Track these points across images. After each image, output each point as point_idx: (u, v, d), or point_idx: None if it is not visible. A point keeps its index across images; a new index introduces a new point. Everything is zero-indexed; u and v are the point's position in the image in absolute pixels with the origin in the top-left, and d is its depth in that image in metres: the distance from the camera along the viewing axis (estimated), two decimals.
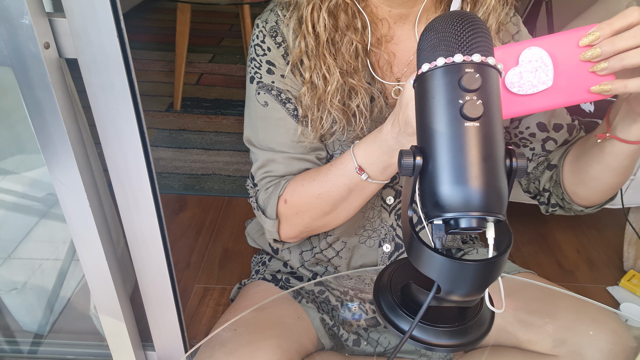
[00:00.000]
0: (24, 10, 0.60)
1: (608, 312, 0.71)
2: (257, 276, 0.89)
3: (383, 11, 0.70)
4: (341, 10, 0.66)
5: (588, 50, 0.51)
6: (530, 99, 0.52)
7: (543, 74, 0.51)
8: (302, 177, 0.73)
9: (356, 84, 0.70)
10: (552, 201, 0.77)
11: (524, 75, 0.51)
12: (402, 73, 0.74)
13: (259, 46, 0.72)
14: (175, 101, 2.42)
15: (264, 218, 0.76)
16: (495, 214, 0.37)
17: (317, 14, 0.66)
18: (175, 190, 1.89)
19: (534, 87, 0.52)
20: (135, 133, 0.72)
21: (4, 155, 1.10)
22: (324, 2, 0.65)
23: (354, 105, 0.70)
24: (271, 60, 0.72)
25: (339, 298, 0.82)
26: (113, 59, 0.65)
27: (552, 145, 0.75)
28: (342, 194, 0.69)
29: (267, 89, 0.73)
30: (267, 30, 0.72)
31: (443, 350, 0.43)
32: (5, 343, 1.19)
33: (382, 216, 0.80)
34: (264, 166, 0.76)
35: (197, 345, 0.71)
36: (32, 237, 1.16)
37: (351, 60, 0.69)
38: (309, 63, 0.69)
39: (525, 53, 0.51)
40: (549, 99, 0.52)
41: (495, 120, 0.38)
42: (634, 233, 1.46)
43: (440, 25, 0.40)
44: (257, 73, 0.73)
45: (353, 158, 0.66)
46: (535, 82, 0.51)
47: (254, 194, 0.79)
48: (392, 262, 0.51)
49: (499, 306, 0.42)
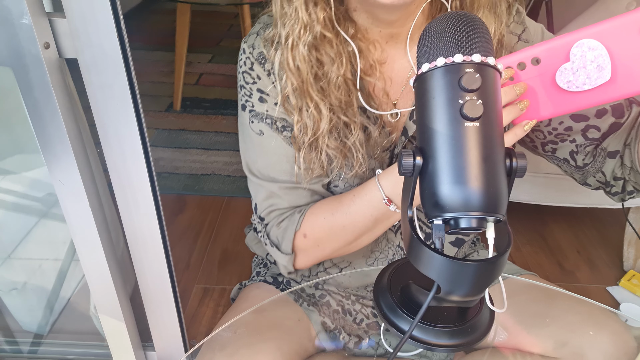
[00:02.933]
0: (24, 10, 0.60)
1: (610, 313, 0.70)
2: (258, 278, 0.88)
3: (373, 33, 0.65)
4: (324, 43, 0.62)
5: None
6: (586, 95, 0.48)
7: (599, 67, 0.47)
8: (321, 208, 0.70)
9: (349, 120, 0.65)
10: (629, 188, 0.71)
11: (578, 71, 0.47)
12: (399, 94, 0.70)
13: (247, 74, 0.68)
14: (175, 101, 2.42)
15: (278, 254, 0.73)
16: (495, 214, 0.37)
17: (297, 51, 0.61)
18: (175, 190, 1.89)
19: (590, 82, 0.47)
20: (135, 133, 0.72)
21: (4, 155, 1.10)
22: (301, 37, 0.60)
23: (350, 143, 0.66)
24: (262, 89, 0.68)
25: (340, 302, 0.82)
26: (113, 59, 0.65)
27: (594, 133, 0.70)
28: (368, 224, 0.66)
29: (260, 117, 0.69)
30: (255, 57, 0.67)
31: (443, 350, 0.43)
32: (5, 343, 1.19)
33: (388, 237, 0.78)
34: (268, 198, 0.72)
35: (197, 345, 0.71)
36: (32, 237, 1.16)
37: (341, 95, 0.64)
38: (295, 102, 0.64)
39: (577, 46, 0.47)
40: (608, 93, 0.48)
41: (495, 120, 0.38)
42: (634, 233, 1.46)
43: (440, 26, 0.40)
44: (249, 102, 0.69)
45: (380, 189, 0.63)
46: (591, 77, 0.47)
47: (263, 229, 0.75)
48: (392, 262, 0.51)
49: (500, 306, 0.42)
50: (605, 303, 0.72)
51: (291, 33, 0.61)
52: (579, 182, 0.77)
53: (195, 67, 2.88)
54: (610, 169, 0.70)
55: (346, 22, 0.64)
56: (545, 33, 0.71)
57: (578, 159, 0.72)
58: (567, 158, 0.73)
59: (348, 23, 0.64)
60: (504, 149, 0.39)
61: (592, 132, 0.70)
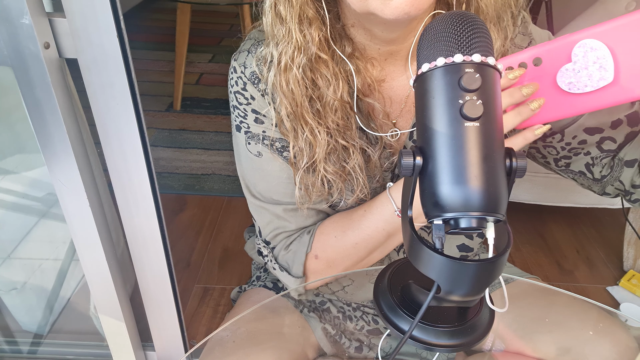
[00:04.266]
0: (24, 10, 0.60)
1: (613, 319, 0.70)
2: (258, 282, 0.88)
3: (372, 50, 0.62)
4: (321, 65, 0.58)
5: None
6: (588, 97, 0.46)
7: (602, 68, 0.45)
8: (331, 227, 0.68)
9: (348, 143, 0.62)
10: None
11: (580, 72, 0.46)
12: (398, 113, 0.67)
13: (240, 94, 0.64)
14: (175, 101, 2.43)
15: (289, 278, 0.70)
16: (495, 214, 0.37)
17: (290, 74, 0.57)
18: (175, 190, 1.89)
19: (592, 84, 0.46)
20: (135, 133, 0.72)
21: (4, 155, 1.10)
22: (294, 60, 0.56)
23: (349, 167, 0.63)
24: (257, 110, 0.64)
25: (340, 309, 0.82)
26: (113, 59, 0.66)
27: (610, 145, 0.67)
28: (381, 239, 0.64)
29: (258, 139, 0.65)
30: (248, 77, 0.63)
31: (443, 350, 0.43)
32: (5, 343, 1.19)
33: (390, 256, 0.76)
34: (273, 221, 0.69)
35: (197, 345, 0.71)
36: (32, 237, 1.16)
37: (339, 119, 0.60)
38: (290, 126, 0.61)
39: (579, 47, 0.45)
40: (611, 95, 0.46)
41: (495, 120, 0.38)
42: (634, 233, 1.46)
43: (440, 25, 0.40)
44: (244, 122, 0.65)
45: (392, 201, 0.61)
46: (593, 78, 0.46)
47: (269, 253, 0.72)
48: (392, 262, 0.51)
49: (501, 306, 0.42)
50: (605, 303, 0.72)
51: (284, 54, 0.57)
52: (598, 193, 0.74)
53: (195, 67, 2.89)
54: (629, 178, 0.68)
55: (343, 41, 0.60)
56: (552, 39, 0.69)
57: (595, 171, 0.69)
58: (582, 171, 0.70)
59: (345, 41, 0.60)
60: (504, 148, 0.39)
61: (608, 143, 0.67)
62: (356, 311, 0.81)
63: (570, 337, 0.68)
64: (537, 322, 0.71)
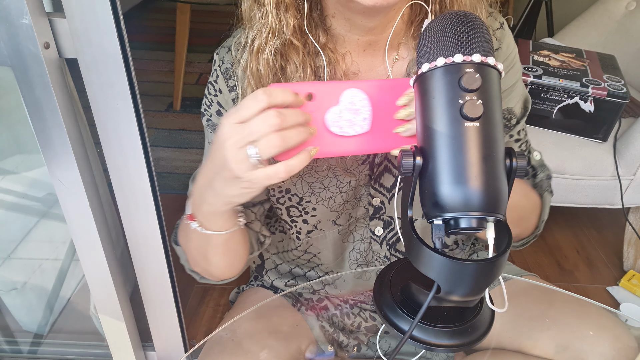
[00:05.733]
0: (24, 10, 0.60)
1: (612, 316, 0.70)
2: (255, 282, 0.88)
3: (350, 41, 0.62)
4: (291, 51, 0.59)
5: (402, 110, 0.50)
6: (347, 140, 0.50)
7: (361, 117, 0.50)
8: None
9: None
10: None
11: (344, 115, 0.50)
12: None
13: (212, 85, 0.67)
14: (175, 101, 2.42)
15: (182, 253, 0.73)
16: (495, 214, 0.37)
17: (261, 56, 0.58)
18: (175, 190, 1.89)
19: (353, 129, 0.50)
20: (135, 133, 0.72)
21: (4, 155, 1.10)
22: (267, 43, 0.57)
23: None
24: (221, 103, 0.66)
25: (338, 306, 0.82)
26: (113, 59, 0.66)
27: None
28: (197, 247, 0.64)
29: (214, 129, 0.68)
30: (222, 71, 0.66)
31: (443, 350, 0.43)
32: (5, 343, 1.19)
33: (373, 248, 0.77)
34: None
35: (197, 345, 0.71)
36: (32, 237, 1.16)
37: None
38: None
39: (347, 93, 0.50)
40: (366, 144, 0.51)
41: (495, 120, 0.38)
42: (634, 233, 1.46)
43: (440, 25, 0.40)
44: (207, 111, 0.68)
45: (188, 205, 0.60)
46: (353, 124, 0.50)
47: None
48: (392, 262, 0.51)
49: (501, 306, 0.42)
50: (605, 303, 0.72)
51: (258, 37, 0.58)
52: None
53: (195, 67, 2.88)
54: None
55: (317, 30, 0.60)
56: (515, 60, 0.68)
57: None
58: None
59: (320, 31, 0.60)
60: (504, 148, 0.39)
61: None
62: (353, 308, 0.81)
63: (568, 335, 0.68)
64: (536, 320, 0.71)
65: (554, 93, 1.32)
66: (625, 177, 1.33)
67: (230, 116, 0.46)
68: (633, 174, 1.33)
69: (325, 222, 0.73)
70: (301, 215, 0.72)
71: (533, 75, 1.33)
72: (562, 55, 1.46)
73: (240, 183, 0.48)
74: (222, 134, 0.47)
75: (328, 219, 0.72)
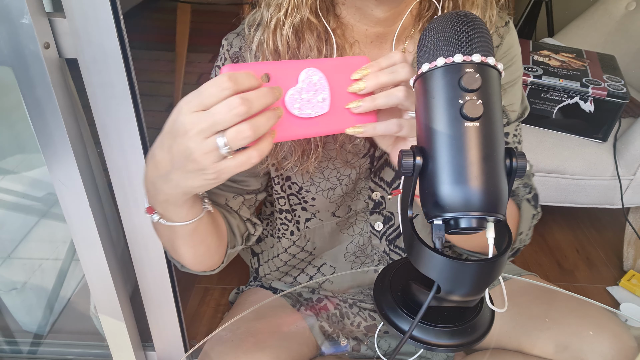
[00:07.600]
0: (24, 10, 0.60)
1: (611, 316, 0.70)
2: (255, 283, 0.88)
3: (359, 31, 0.63)
4: (307, 29, 0.58)
5: (355, 84, 0.49)
6: (308, 122, 0.49)
7: (320, 97, 0.49)
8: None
9: None
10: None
11: (303, 96, 0.48)
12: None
13: (218, 69, 0.67)
14: (175, 101, 2.42)
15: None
16: (495, 214, 0.37)
17: (279, 33, 0.58)
18: None
19: (312, 109, 0.48)
20: (135, 133, 0.72)
21: (4, 154, 1.10)
22: (287, 18, 0.57)
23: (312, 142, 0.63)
24: None
25: (337, 306, 0.82)
26: (113, 58, 0.66)
27: None
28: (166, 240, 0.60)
29: None
30: (230, 55, 0.66)
31: (443, 350, 0.43)
32: (5, 343, 1.19)
33: (372, 243, 0.77)
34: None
35: (197, 345, 0.71)
36: (32, 237, 1.16)
37: None
38: None
39: (305, 72, 0.48)
40: (325, 125, 0.49)
41: (495, 120, 0.38)
42: (634, 233, 1.46)
43: (440, 25, 0.40)
44: None
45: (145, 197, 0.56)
46: (313, 105, 0.48)
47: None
48: (392, 262, 0.51)
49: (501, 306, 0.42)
50: (605, 303, 0.72)
51: (276, 13, 0.58)
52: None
53: (195, 67, 2.89)
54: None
55: (329, 15, 0.60)
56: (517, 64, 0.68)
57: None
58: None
59: (330, 17, 0.60)
60: (504, 148, 0.39)
61: None
62: (352, 307, 0.81)
63: (568, 334, 0.68)
64: (536, 320, 0.71)
65: (554, 93, 1.32)
66: (625, 177, 1.33)
67: (189, 102, 0.42)
68: (633, 174, 1.33)
69: (324, 213, 0.73)
70: (300, 203, 0.73)
71: (533, 75, 1.33)
72: (562, 55, 1.46)
73: (205, 175, 0.44)
74: (183, 123, 0.41)
75: (327, 210, 0.72)
